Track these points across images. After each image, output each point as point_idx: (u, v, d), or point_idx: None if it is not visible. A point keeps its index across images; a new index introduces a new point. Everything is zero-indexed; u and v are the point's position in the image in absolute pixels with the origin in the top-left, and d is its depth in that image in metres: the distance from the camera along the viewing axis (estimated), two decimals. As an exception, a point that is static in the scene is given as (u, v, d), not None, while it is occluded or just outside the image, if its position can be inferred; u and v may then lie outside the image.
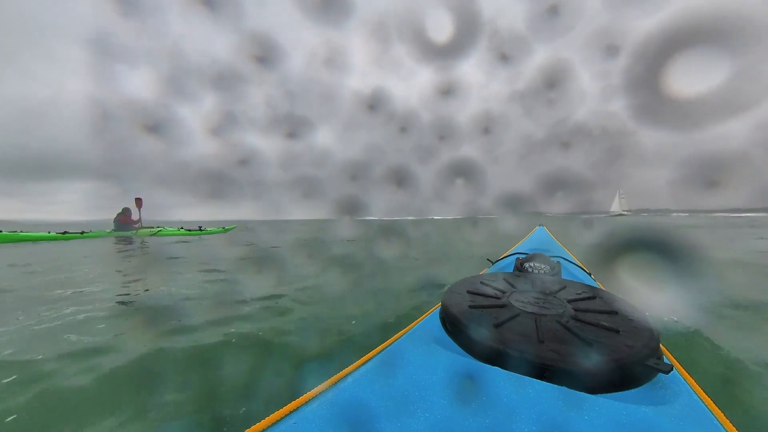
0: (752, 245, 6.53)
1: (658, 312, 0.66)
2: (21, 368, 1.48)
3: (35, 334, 1.89)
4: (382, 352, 0.84)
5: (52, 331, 1.92)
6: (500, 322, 0.85)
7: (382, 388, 0.65)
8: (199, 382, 1.38)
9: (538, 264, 1.44)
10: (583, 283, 1.17)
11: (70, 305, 2.47)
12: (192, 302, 2.55)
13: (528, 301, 0.99)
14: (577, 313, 0.90)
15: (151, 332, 1.83)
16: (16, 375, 1.42)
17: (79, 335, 1.85)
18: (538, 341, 0.76)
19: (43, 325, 2.03)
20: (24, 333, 1.91)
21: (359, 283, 3.17)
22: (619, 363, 0.67)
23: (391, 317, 2.17)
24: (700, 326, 1.72)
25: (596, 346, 0.72)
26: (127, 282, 3.44)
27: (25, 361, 1.55)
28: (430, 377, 0.67)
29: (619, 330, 0.78)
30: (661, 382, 0.69)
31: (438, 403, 0.60)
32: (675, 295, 0.60)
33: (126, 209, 13.33)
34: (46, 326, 2.01)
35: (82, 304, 2.49)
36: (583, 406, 0.58)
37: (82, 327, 1.99)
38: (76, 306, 2.45)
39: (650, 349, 0.71)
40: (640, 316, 0.83)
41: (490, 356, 0.75)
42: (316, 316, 2.23)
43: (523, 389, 0.62)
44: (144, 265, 4.35)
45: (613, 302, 0.95)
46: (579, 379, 0.65)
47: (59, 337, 1.83)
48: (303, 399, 0.65)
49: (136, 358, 1.55)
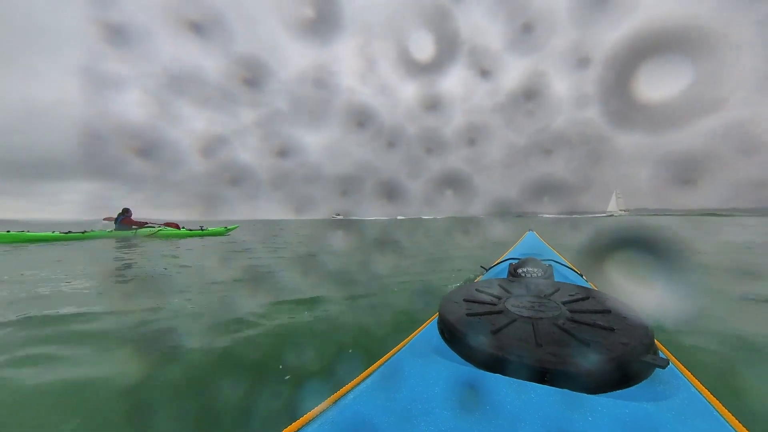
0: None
1: (650, 308, 0.68)
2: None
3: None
4: (382, 366, 0.82)
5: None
6: (498, 328, 0.85)
7: (384, 403, 0.64)
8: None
9: (530, 268, 1.45)
10: (575, 285, 1.18)
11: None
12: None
13: (523, 305, 1.00)
14: (572, 314, 0.91)
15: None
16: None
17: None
18: (536, 345, 0.76)
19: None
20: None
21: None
22: (617, 361, 0.68)
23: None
24: (690, 318, 1.77)
25: (593, 346, 0.72)
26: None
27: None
28: (431, 389, 0.66)
29: (614, 328, 0.79)
30: (659, 378, 0.69)
31: (441, 414, 0.59)
32: (664, 290, 0.62)
33: (126, 209, 12.84)
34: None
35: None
36: (585, 406, 0.58)
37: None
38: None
39: (645, 346, 0.72)
40: (633, 314, 0.85)
41: (490, 363, 0.74)
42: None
43: (525, 394, 0.62)
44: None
45: (605, 301, 0.97)
46: (579, 380, 0.65)
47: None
48: (303, 420, 0.62)
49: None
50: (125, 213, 12.92)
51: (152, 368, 1.52)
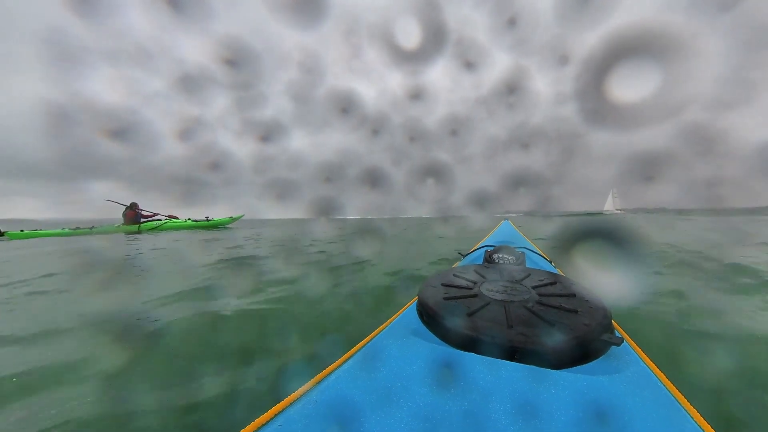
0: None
1: (608, 292, 0.73)
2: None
3: None
4: (363, 347, 0.84)
5: None
6: (473, 310, 0.89)
7: (365, 382, 0.66)
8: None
9: (504, 255, 1.51)
10: (545, 271, 1.25)
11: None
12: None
13: (497, 289, 1.04)
14: (540, 297, 0.96)
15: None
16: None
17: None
18: (507, 326, 0.80)
19: None
20: None
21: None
22: (579, 340, 0.73)
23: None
24: (643, 302, 1.93)
25: (558, 327, 0.77)
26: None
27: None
28: (410, 368, 0.68)
29: (577, 310, 0.85)
30: (614, 354, 0.76)
31: (419, 391, 0.61)
32: (622, 277, 0.67)
33: (133, 204, 12.50)
34: None
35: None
36: (550, 380, 0.62)
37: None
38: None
39: (604, 326, 0.78)
40: (595, 297, 0.91)
41: (465, 343, 0.78)
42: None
43: (496, 371, 0.65)
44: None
45: (571, 286, 1.03)
46: (545, 358, 0.70)
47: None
48: (287, 401, 0.63)
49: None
50: (131, 207, 12.55)
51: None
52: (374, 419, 0.55)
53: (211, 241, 8.16)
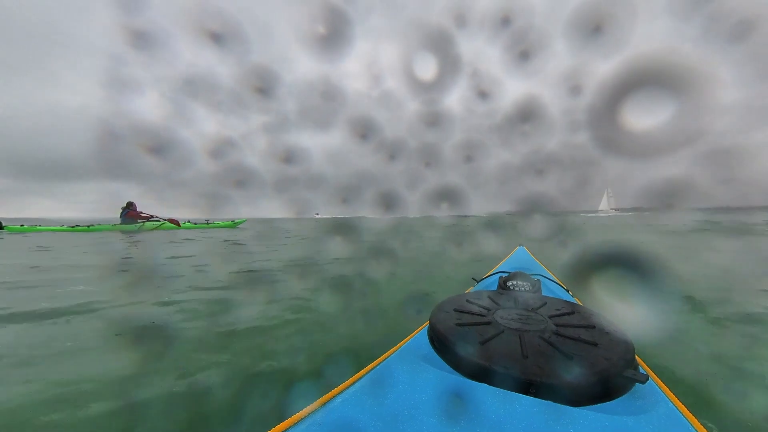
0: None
1: (632, 324, 0.68)
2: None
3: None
4: (371, 371, 0.82)
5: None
6: (486, 339, 0.85)
7: (372, 407, 0.63)
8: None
9: (519, 282, 1.46)
10: (562, 299, 1.19)
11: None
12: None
13: (512, 317, 1.00)
14: (558, 328, 0.91)
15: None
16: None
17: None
18: (522, 357, 0.76)
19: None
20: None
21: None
22: (599, 375, 0.68)
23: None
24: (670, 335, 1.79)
25: (577, 360, 0.72)
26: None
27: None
28: (419, 396, 0.66)
29: (597, 343, 0.79)
30: (638, 392, 0.69)
31: (427, 422, 0.58)
32: (646, 307, 0.63)
33: (131, 203, 12.40)
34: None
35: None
36: (568, 418, 0.57)
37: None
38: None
39: (626, 361, 0.72)
40: (616, 329, 0.85)
41: (477, 373, 0.74)
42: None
43: (509, 405, 0.61)
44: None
45: (590, 317, 0.97)
46: (562, 393, 0.65)
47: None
48: (290, 421, 0.62)
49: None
50: (129, 207, 12.46)
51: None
52: None
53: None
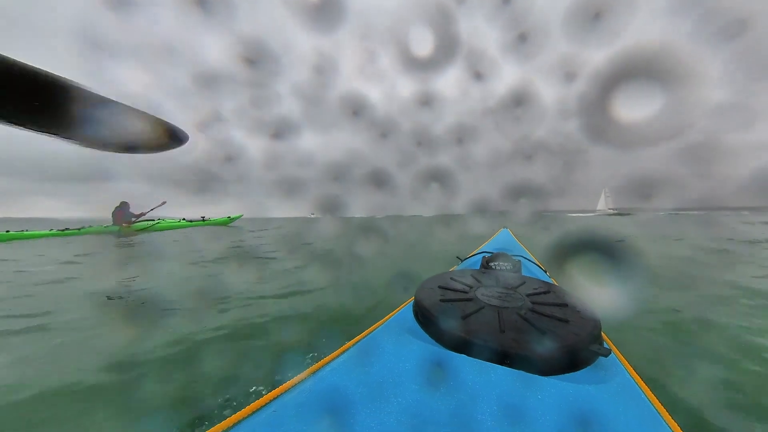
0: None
1: (600, 303, 0.73)
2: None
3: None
4: (358, 342, 0.85)
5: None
6: (467, 314, 0.89)
7: (359, 376, 0.67)
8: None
9: (501, 262, 1.52)
10: (539, 280, 1.25)
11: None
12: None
13: (492, 295, 1.05)
14: (534, 305, 0.96)
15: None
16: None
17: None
18: (500, 331, 0.80)
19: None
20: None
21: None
22: (568, 349, 0.73)
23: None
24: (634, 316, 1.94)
25: (549, 335, 0.78)
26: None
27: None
28: (403, 365, 0.69)
29: (568, 320, 0.85)
30: (601, 364, 0.75)
31: (410, 388, 0.62)
32: (616, 289, 0.67)
33: (123, 203, 11.51)
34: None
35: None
36: (537, 386, 0.62)
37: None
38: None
39: (593, 336, 0.78)
40: (586, 308, 0.91)
41: (458, 345, 0.78)
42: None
43: (486, 374, 0.66)
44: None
45: (564, 296, 1.03)
46: (534, 364, 0.70)
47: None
48: (282, 388, 0.64)
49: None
50: (121, 207, 11.49)
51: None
52: (365, 411, 0.56)
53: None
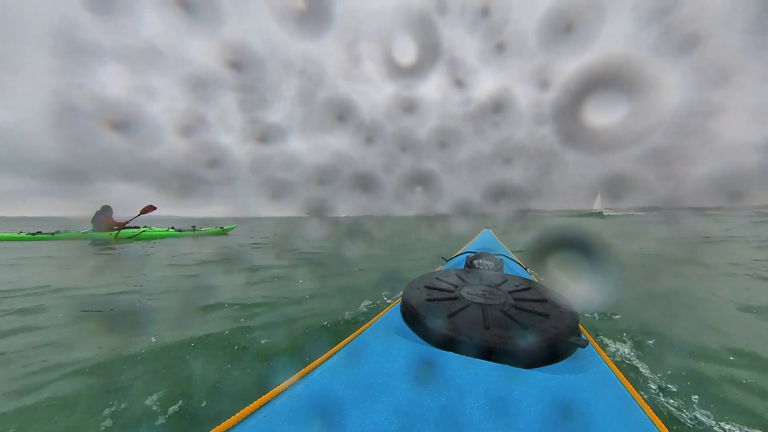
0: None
1: (578, 297, 0.76)
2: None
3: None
4: (347, 344, 0.84)
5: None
6: (453, 312, 0.90)
7: (348, 377, 0.66)
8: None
9: (484, 261, 1.55)
10: (521, 277, 1.28)
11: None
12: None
13: (476, 293, 1.06)
14: (516, 302, 0.98)
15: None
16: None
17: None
18: (484, 327, 0.81)
19: None
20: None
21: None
22: (549, 342, 0.75)
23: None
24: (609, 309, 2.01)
25: (531, 329, 0.80)
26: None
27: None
28: (392, 365, 0.69)
29: (548, 314, 0.87)
30: (580, 355, 0.78)
31: (399, 387, 0.62)
32: (591, 284, 0.70)
33: (106, 207, 9.95)
34: None
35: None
36: (521, 379, 0.64)
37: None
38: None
39: (572, 329, 0.81)
40: (565, 302, 0.94)
41: (445, 342, 0.79)
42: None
43: (472, 369, 0.67)
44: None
45: (544, 292, 1.06)
46: (517, 358, 0.72)
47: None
48: (272, 393, 0.63)
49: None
50: (104, 212, 9.93)
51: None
52: (356, 413, 0.55)
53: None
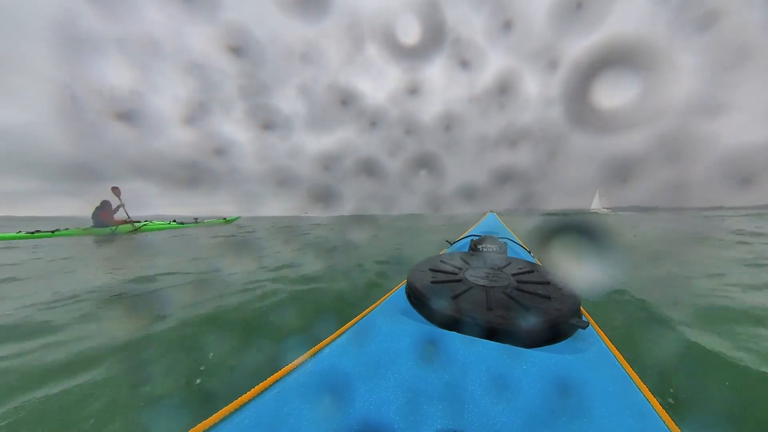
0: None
1: (579, 280, 0.76)
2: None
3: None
4: (355, 324, 0.87)
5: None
6: (457, 294, 0.91)
7: (356, 355, 0.68)
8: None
9: (488, 244, 1.55)
10: (524, 260, 1.28)
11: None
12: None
13: (480, 275, 1.07)
14: (519, 284, 0.99)
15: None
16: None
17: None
18: (487, 309, 0.83)
19: None
20: None
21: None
22: (550, 323, 0.77)
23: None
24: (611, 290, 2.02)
25: (533, 311, 0.81)
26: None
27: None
28: (397, 344, 0.71)
29: (550, 297, 0.88)
30: (580, 336, 0.79)
31: (405, 365, 0.64)
32: (593, 268, 0.70)
33: (105, 202, 9.87)
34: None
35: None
36: (522, 358, 0.65)
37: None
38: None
39: (573, 311, 0.81)
40: (567, 285, 0.94)
41: (449, 323, 0.80)
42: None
43: (475, 348, 0.68)
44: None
45: (546, 275, 1.07)
46: (519, 337, 0.73)
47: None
48: (284, 370, 0.66)
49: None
50: (103, 207, 9.80)
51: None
52: (363, 388, 0.58)
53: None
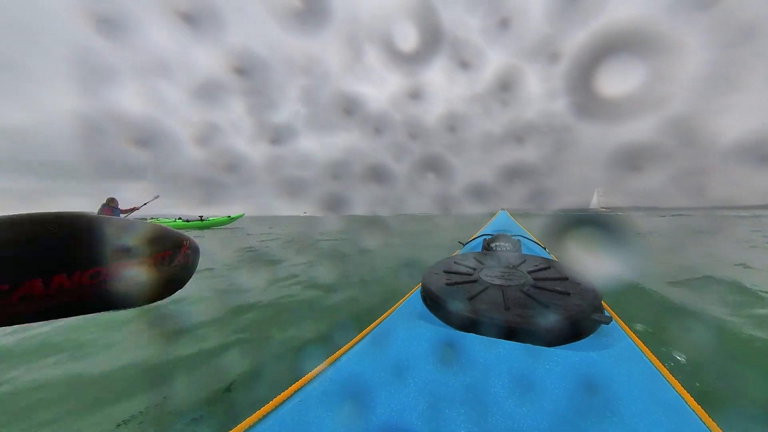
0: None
1: (599, 275, 0.74)
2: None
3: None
4: (372, 330, 0.86)
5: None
6: (473, 295, 0.90)
7: (375, 361, 0.68)
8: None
9: (502, 243, 1.52)
10: (540, 257, 1.25)
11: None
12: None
13: (495, 275, 1.05)
14: (535, 281, 0.97)
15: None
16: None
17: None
18: (505, 308, 0.81)
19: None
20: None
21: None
22: (571, 319, 0.74)
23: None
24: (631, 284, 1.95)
25: (552, 308, 0.78)
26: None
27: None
28: (416, 348, 0.70)
29: (569, 293, 0.85)
30: (603, 332, 0.76)
31: (425, 369, 0.63)
32: (611, 262, 0.67)
33: (111, 200, 9.24)
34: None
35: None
36: (544, 357, 0.63)
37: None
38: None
39: (594, 306, 0.79)
40: (586, 280, 0.91)
41: (466, 325, 0.79)
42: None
43: (494, 350, 0.67)
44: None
45: (564, 270, 1.03)
46: (539, 336, 0.71)
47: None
48: (305, 379, 0.66)
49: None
50: (108, 204, 9.18)
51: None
52: (383, 394, 0.57)
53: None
